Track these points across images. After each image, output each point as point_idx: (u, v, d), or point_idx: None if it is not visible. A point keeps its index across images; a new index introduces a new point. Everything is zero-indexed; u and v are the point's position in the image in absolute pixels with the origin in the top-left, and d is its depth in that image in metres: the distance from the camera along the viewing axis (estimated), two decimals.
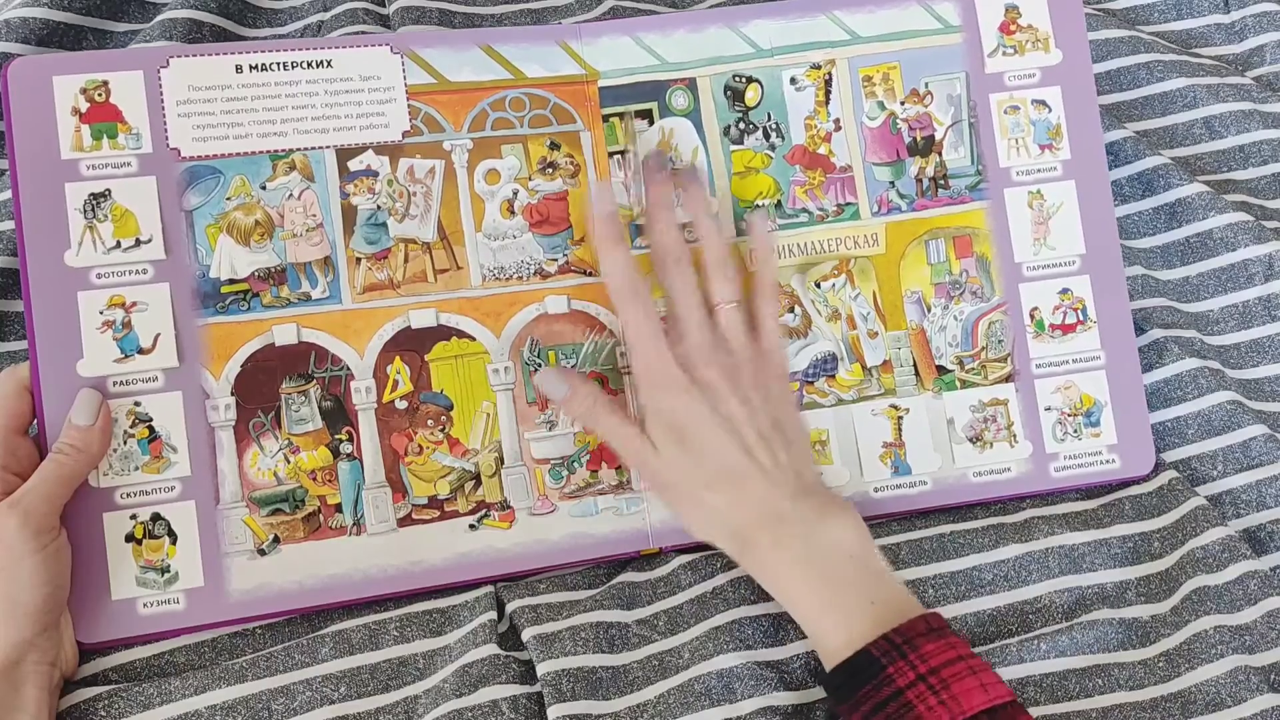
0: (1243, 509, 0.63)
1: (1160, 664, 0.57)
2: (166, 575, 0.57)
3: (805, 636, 0.56)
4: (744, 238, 0.63)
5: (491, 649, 0.55)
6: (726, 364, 0.58)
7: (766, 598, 0.57)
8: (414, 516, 0.60)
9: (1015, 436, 0.64)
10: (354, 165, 0.61)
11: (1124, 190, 0.72)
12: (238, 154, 0.60)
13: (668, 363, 0.57)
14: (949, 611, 0.58)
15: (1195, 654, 0.57)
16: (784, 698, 0.54)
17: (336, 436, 0.60)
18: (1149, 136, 0.74)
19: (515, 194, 0.62)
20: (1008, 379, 0.64)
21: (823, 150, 0.65)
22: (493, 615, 0.57)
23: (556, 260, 0.62)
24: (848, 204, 0.64)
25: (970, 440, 0.64)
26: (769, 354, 0.60)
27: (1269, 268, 0.69)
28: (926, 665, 0.48)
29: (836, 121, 0.65)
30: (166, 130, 0.59)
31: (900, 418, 0.63)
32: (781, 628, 0.57)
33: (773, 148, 0.64)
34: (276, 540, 0.58)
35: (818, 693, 0.55)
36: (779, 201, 0.64)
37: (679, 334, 0.59)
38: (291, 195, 0.60)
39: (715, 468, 0.56)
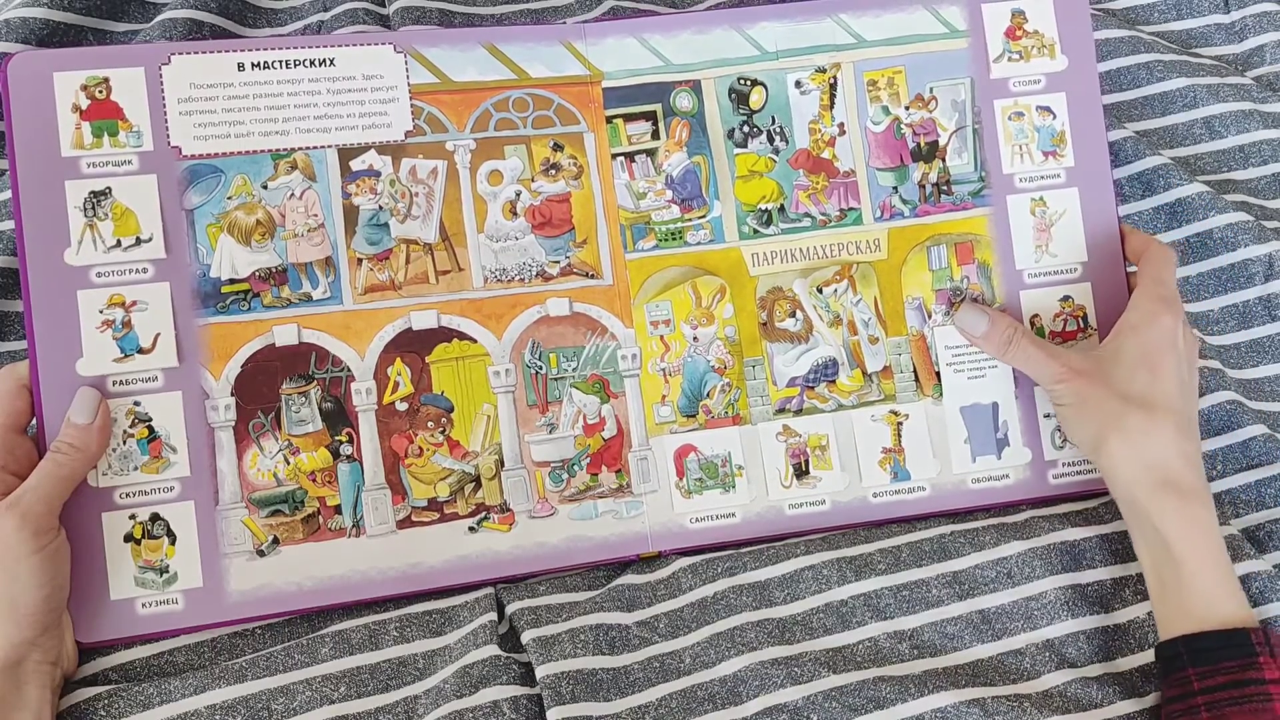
0: (1242, 509, 0.64)
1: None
2: (165, 575, 0.57)
3: (812, 639, 0.56)
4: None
5: (492, 650, 0.55)
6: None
7: (769, 603, 0.58)
8: (414, 519, 0.60)
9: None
10: (356, 165, 0.61)
11: (1124, 190, 0.72)
12: (239, 153, 0.59)
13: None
14: (951, 610, 0.58)
15: None
16: (790, 694, 0.54)
17: (336, 438, 0.59)
18: (1149, 136, 0.74)
19: (518, 195, 0.62)
20: None
21: (826, 155, 0.64)
22: (493, 616, 0.57)
23: (559, 262, 0.62)
24: (851, 209, 0.64)
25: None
26: None
27: (1269, 268, 0.69)
28: None
29: (841, 126, 0.65)
30: (167, 128, 0.59)
31: (900, 423, 0.63)
32: (787, 629, 0.57)
33: (776, 151, 0.64)
34: (276, 541, 0.58)
35: (825, 684, 0.55)
36: (782, 205, 0.64)
37: None
38: (293, 195, 0.60)
39: (1172, 396, 0.56)
